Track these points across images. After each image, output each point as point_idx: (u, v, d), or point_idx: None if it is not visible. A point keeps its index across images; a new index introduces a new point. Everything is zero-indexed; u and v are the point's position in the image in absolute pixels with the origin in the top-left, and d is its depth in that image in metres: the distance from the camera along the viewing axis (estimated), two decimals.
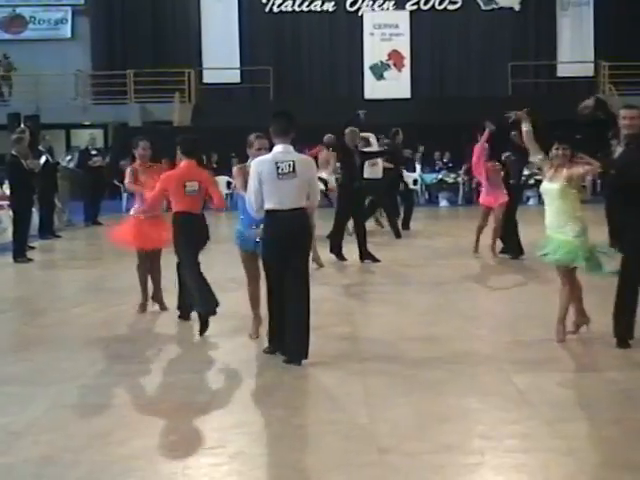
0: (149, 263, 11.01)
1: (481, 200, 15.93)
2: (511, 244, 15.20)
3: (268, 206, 8.26)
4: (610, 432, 6.40)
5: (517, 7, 34.44)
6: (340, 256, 15.27)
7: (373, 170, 17.88)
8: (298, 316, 8.30)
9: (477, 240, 15.77)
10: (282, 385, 7.77)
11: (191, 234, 9.84)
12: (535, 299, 11.11)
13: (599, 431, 6.44)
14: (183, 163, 9.99)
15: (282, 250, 8.29)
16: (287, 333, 8.35)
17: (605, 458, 5.93)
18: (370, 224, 18.17)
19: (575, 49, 34.44)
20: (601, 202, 9.46)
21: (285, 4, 34.50)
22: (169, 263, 10.52)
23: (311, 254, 14.57)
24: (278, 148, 8.29)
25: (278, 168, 8.19)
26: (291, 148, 8.34)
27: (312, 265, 14.36)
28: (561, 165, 9.01)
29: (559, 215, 8.95)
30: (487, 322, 10.27)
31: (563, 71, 34.33)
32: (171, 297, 10.80)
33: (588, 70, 33.92)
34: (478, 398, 7.22)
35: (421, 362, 8.39)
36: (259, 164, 8.31)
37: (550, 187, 9.02)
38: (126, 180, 10.96)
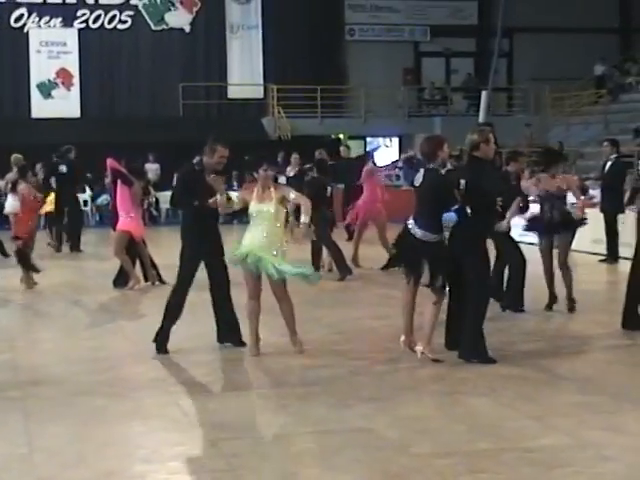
0: None
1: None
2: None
3: None
4: (273, 449, 6.50)
5: (187, 28, 34.59)
6: None
7: None
8: None
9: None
10: None
11: None
12: (207, 319, 10.97)
13: (261, 448, 6.51)
14: None
15: None
16: None
17: (268, 475, 5.97)
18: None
19: (245, 71, 35.02)
20: None
21: None
22: None
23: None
24: None
25: None
26: None
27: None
28: (267, 186, 9.14)
29: (270, 236, 9.02)
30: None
31: (234, 93, 34.83)
32: None
33: (258, 92, 34.62)
34: (141, 422, 7.13)
35: (84, 387, 8.20)
36: None
37: (261, 208, 9.09)
38: None
